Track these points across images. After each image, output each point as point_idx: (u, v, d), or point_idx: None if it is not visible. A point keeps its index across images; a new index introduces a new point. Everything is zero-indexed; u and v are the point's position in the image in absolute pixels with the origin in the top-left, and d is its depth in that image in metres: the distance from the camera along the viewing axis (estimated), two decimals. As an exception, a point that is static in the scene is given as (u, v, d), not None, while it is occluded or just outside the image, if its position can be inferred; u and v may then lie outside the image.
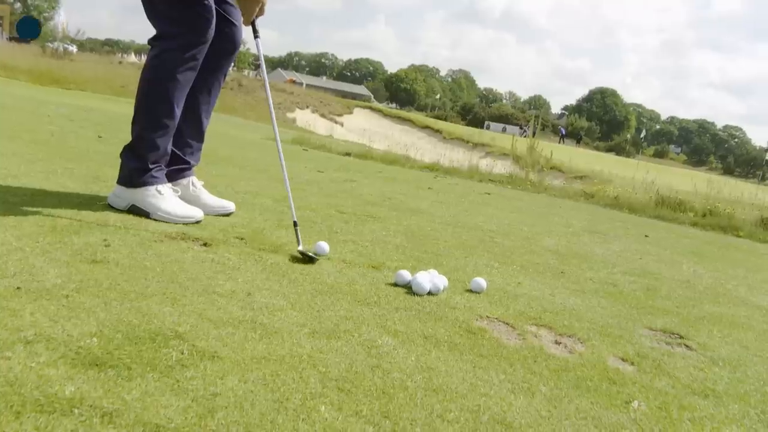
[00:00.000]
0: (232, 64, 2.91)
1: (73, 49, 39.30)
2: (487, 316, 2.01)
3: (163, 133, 2.62)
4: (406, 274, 2.18)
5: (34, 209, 2.34)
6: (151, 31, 2.60)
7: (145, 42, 2.71)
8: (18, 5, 72.30)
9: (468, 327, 1.87)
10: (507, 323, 1.99)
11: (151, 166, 2.60)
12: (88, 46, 59.92)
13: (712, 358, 2.02)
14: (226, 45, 2.79)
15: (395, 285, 2.17)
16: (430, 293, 2.12)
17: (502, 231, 3.86)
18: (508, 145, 28.45)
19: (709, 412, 1.57)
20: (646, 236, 4.95)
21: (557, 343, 1.90)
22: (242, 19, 2.73)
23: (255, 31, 2.73)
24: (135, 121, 2.65)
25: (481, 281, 2.29)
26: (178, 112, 2.63)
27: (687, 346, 2.12)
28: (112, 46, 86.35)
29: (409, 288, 2.14)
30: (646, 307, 2.55)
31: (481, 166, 10.34)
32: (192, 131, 2.85)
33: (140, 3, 2.59)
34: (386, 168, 7.53)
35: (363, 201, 4.10)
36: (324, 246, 2.41)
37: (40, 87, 18.49)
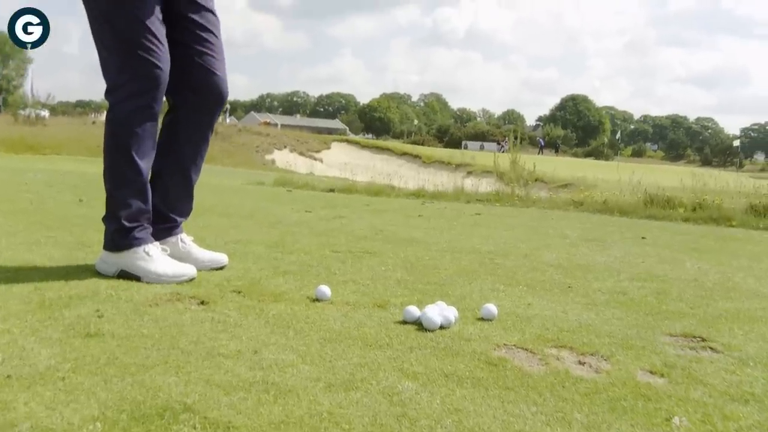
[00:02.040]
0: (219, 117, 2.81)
1: (45, 114, 39.33)
2: (504, 344, 1.93)
3: (132, 189, 2.52)
4: (414, 310, 2.10)
5: (19, 285, 2.24)
6: None
7: None
8: None
9: (487, 358, 1.78)
10: (526, 349, 1.90)
11: (128, 226, 2.50)
12: (60, 109, 59.87)
13: (740, 359, 1.94)
14: (210, 98, 2.68)
15: (404, 323, 2.08)
16: (441, 327, 2.04)
17: (500, 251, 3.79)
18: (488, 162, 28.65)
19: (754, 419, 1.49)
20: (643, 238, 4.89)
21: (581, 363, 1.82)
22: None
23: None
24: (104, 181, 2.56)
25: (492, 307, 2.21)
26: (144, 165, 2.52)
27: (712, 348, 2.04)
28: (84, 107, 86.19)
29: (419, 324, 2.05)
30: (661, 312, 2.48)
31: (466, 186, 10.33)
32: (179, 188, 2.75)
33: None
34: (372, 200, 7.47)
35: (355, 237, 4.02)
36: (325, 290, 2.32)
37: (14, 155, 18.39)
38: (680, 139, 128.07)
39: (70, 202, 5.23)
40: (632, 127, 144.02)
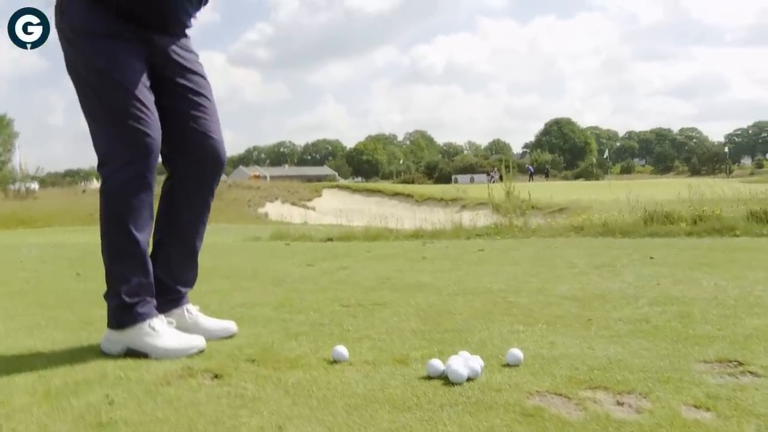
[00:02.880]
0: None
1: (35, 187, 39.39)
2: (536, 391, 1.84)
3: (131, 263, 2.43)
4: (437, 364, 2.00)
5: (22, 374, 2.14)
6: None
7: None
8: None
9: (522, 409, 1.69)
10: (560, 394, 1.81)
11: (130, 301, 2.41)
12: (50, 180, 60.13)
13: (784, 382, 1.85)
14: (207, 162, 2.62)
15: (429, 378, 1.99)
16: (469, 379, 1.95)
17: (511, 288, 3.71)
18: (480, 194, 28.76)
19: (818, 451, 1.41)
20: (651, 258, 4.83)
21: (620, 404, 1.73)
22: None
23: None
24: (102, 255, 2.47)
25: (517, 352, 2.13)
26: (141, 236, 2.44)
27: (752, 372, 1.96)
28: (73, 176, 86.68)
29: (445, 378, 1.96)
30: (689, 337, 2.40)
31: (464, 221, 10.26)
32: (181, 257, 2.67)
33: None
34: (372, 245, 7.39)
35: (363, 288, 3.93)
36: (342, 351, 2.23)
37: (7, 231, 18.30)
38: (667, 152, 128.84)
39: (68, 277, 5.14)
40: (618, 144, 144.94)
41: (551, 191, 30.77)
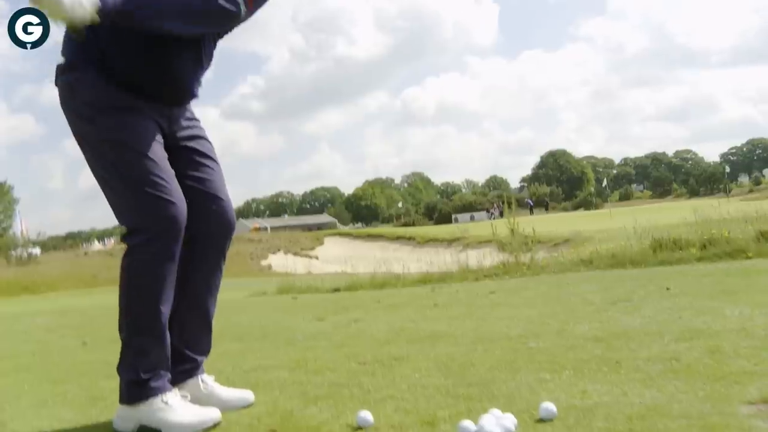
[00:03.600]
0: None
1: (37, 251, 39.53)
2: (577, 449, 1.74)
3: (150, 337, 2.36)
4: (469, 426, 1.90)
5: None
6: (111, 217, 2.42)
7: (106, 226, 2.53)
8: None
9: (566, 471, 1.59)
10: (602, 450, 1.71)
11: (144, 376, 2.33)
12: (51, 244, 60.38)
13: (837, 421, 1.76)
14: (219, 226, 2.58)
15: (462, 441, 1.89)
16: (504, 439, 1.85)
17: (530, 332, 3.60)
18: (482, 232, 28.73)
19: None
20: (667, 289, 4.72)
21: (668, 457, 1.63)
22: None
23: None
24: (120, 327, 2.40)
25: (549, 406, 2.03)
26: (165, 310, 2.38)
27: (800, 412, 1.86)
28: (74, 239, 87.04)
29: (479, 440, 1.86)
30: (725, 376, 2.30)
31: (470, 262, 10.15)
32: (196, 323, 2.60)
33: (94, 191, 2.41)
34: (381, 294, 7.29)
35: (378, 342, 3.83)
36: (367, 416, 2.13)
37: (10, 299, 18.18)
38: (664, 176, 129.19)
39: (75, 347, 5.03)
40: (615, 171, 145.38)
41: (553, 223, 30.73)
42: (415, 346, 3.54)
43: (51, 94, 2.49)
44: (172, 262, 2.37)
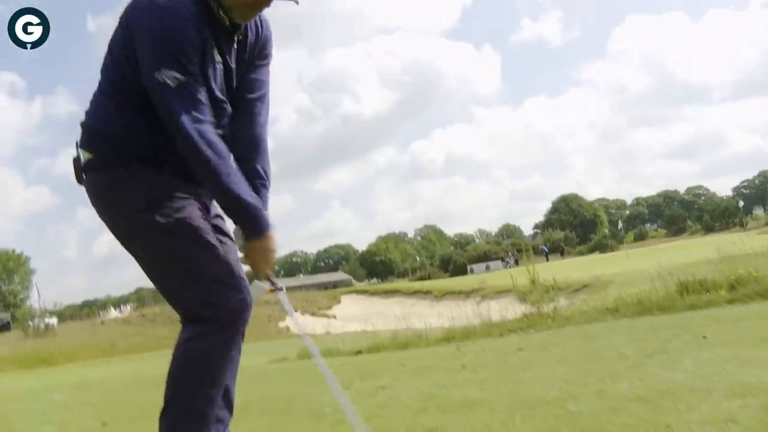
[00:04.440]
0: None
1: (54, 322, 39.80)
2: None
3: (199, 425, 2.30)
4: None
5: None
6: (126, 284, 2.38)
7: (122, 293, 2.50)
8: None
9: None
10: None
11: None
12: (68, 313, 60.78)
13: None
14: (238, 304, 2.48)
15: None
16: None
17: (568, 394, 3.45)
18: (499, 282, 28.52)
19: None
20: (704, 338, 4.55)
21: None
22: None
23: (273, 284, 2.45)
24: (167, 412, 2.32)
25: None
26: (218, 396, 2.33)
27: None
28: (90, 307, 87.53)
29: None
30: (789, 437, 2.15)
31: (492, 315, 9.97)
32: (221, 404, 2.50)
33: (108, 259, 2.38)
34: (405, 356, 7.11)
35: (409, 411, 3.67)
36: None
37: (28, 372, 18.05)
38: (677, 213, 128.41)
39: (94, 427, 4.89)
40: (627, 212, 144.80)
41: (570, 269, 30.50)
42: (449, 415, 3.39)
43: (65, 164, 2.55)
44: (237, 352, 2.38)
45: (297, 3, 2.32)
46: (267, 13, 2.45)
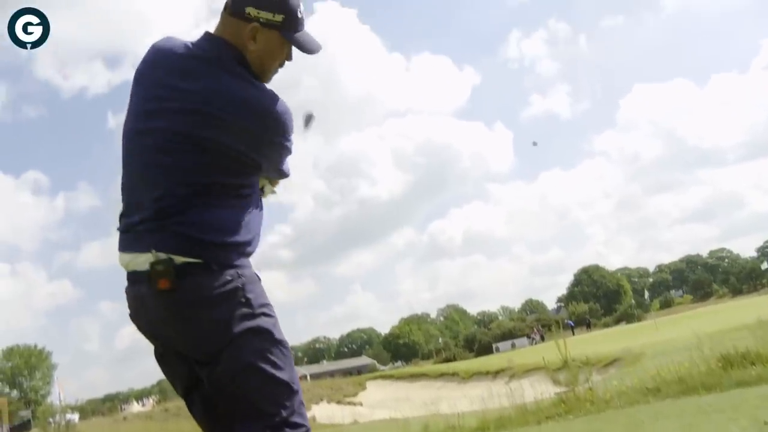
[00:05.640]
0: None
1: (75, 418, 39.39)
2: None
3: None
4: None
5: None
6: (148, 376, 2.23)
7: (144, 385, 2.33)
8: (15, 392, 73.18)
9: None
10: None
11: None
12: (89, 408, 60.14)
13: None
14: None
15: None
16: None
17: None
18: (527, 360, 27.84)
19: None
20: (765, 423, 4.22)
21: None
22: None
23: None
24: None
25: None
26: None
27: None
28: (112, 400, 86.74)
29: None
30: None
31: (525, 397, 9.56)
32: None
33: (129, 351, 2.22)
34: (439, 451, 6.74)
35: None
36: None
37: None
38: (702, 277, 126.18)
39: None
40: (651, 279, 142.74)
41: (599, 342, 29.79)
42: None
43: (86, 258, 2.38)
44: None
45: (316, 51, 2.42)
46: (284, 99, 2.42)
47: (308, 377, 66.71)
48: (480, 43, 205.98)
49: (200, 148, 2.23)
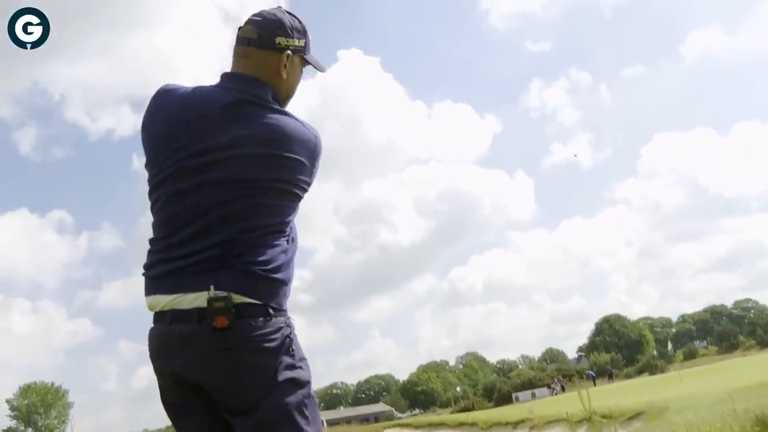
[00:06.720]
0: None
1: (89, 458, 38.88)
2: None
3: None
4: None
5: None
6: (164, 417, 2.31)
7: (159, 426, 2.27)
8: (30, 430, 73.09)
9: None
10: None
11: None
12: (104, 448, 59.68)
13: None
14: None
15: None
16: None
17: None
18: (548, 411, 27.31)
19: None
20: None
21: None
22: None
23: None
24: None
25: None
26: None
27: None
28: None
29: None
30: None
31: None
32: None
33: (146, 392, 2.17)
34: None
35: None
36: None
37: None
38: (727, 328, 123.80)
39: None
40: (674, 330, 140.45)
41: (621, 394, 29.17)
42: None
43: (106, 297, 2.31)
44: None
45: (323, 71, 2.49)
46: None
47: (325, 423, 65.69)
48: (501, 92, 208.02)
49: (262, 190, 2.22)
